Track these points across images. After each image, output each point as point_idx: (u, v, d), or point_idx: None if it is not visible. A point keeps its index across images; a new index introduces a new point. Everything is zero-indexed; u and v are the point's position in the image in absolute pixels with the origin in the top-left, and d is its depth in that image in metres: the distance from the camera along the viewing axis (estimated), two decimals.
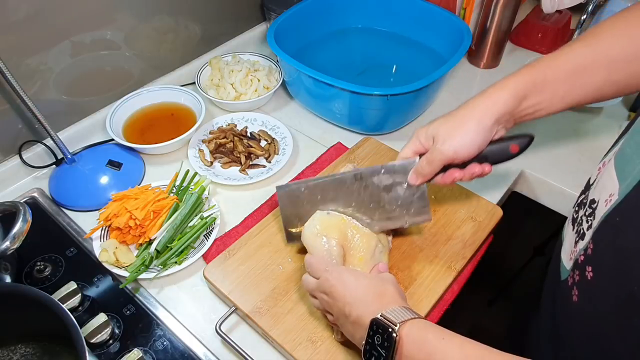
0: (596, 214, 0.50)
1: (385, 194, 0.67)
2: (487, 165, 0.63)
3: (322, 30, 1.10)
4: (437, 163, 0.62)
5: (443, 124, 0.61)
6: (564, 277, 0.55)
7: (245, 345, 0.63)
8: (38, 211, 0.81)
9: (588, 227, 0.51)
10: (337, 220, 0.66)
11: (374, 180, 0.67)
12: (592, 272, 0.48)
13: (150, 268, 0.72)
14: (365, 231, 0.66)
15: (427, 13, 1.05)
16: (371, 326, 0.49)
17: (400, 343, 0.47)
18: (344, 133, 0.97)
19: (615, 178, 0.48)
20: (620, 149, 0.50)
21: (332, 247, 0.63)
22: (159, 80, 1.02)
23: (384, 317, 0.49)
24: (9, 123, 0.83)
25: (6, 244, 0.61)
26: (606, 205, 0.48)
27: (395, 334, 0.47)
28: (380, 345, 0.48)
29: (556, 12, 1.09)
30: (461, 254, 0.72)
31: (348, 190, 0.67)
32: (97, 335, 0.64)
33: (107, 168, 0.86)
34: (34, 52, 0.80)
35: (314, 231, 0.64)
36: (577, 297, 0.51)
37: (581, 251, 0.51)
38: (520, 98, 0.59)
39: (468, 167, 0.63)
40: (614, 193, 0.47)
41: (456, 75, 1.10)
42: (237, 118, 0.97)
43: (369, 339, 0.49)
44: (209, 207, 0.80)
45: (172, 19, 0.98)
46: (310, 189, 0.68)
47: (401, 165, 0.66)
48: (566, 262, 0.55)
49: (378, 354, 0.48)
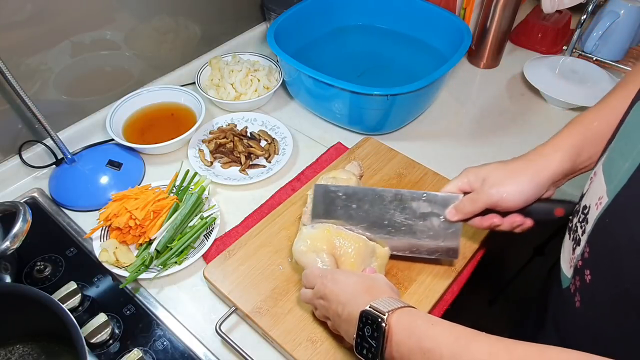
0: (589, 219, 0.50)
1: (420, 221, 0.66)
2: (530, 220, 0.63)
3: (322, 30, 1.10)
4: (480, 204, 0.62)
5: (496, 170, 0.62)
6: (565, 285, 0.55)
7: (245, 345, 0.63)
8: (38, 211, 0.81)
9: (582, 232, 0.52)
10: (322, 231, 0.66)
11: (412, 204, 0.66)
12: (591, 275, 0.49)
13: (150, 268, 0.72)
14: (353, 236, 0.66)
15: (427, 13, 1.05)
16: (360, 318, 0.49)
17: (390, 331, 0.47)
18: (344, 133, 0.97)
19: (604, 182, 0.49)
20: (607, 156, 0.51)
21: (324, 259, 0.63)
22: (159, 80, 1.02)
23: (373, 308, 0.49)
24: (9, 123, 0.83)
25: (6, 244, 0.61)
26: (597, 208, 0.48)
27: (384, 323, 0.47)
28: (371, 336, 0.48)
29: (556, 12, 1.09)
30: (461, 254, 0.72)
31: (384, 207, 0.67)
32: (97, 335, 0.64)
33: (107, 168, 0.86)
34: (34, 52, 0.80)
35: (303, 249, 0.65)
36: (579, 302, 0.51)
37: (579, 257, 0.51)
38: (575, 157, 0.60)
39: (509, 216, 0.63)
40: (602, 196, 0.48)
41: (456, 75, 1.10)
42: (237, 118, 0.97)
43: (359, 331, 0.49)
44: (209, 207, 0.80)
45: (172, 19, 0.98)
46: (348, 196, 0.68)
47: (443, 198, 0.65)
48: (566, 271, 0.56)
49: (369, 345, 0.48)
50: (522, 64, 1.07)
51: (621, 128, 0.51)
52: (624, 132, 0.50)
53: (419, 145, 0.94)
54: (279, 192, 0.85)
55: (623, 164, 0.46)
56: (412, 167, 0.85)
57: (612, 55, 1.09)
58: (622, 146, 0.48)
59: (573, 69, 1.03)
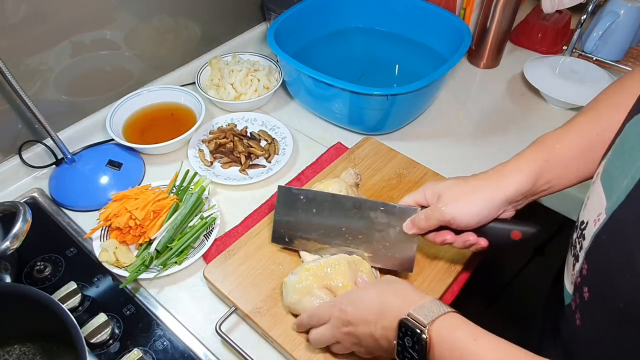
0: (586, 235, 0.50)
1: (377, 232, 0.67)
2: (484, 239, 0.62)
3: (322, 30, 1.10)
4: (434, 221, 0.61)
5: (453, 187, 0.61)
6: (567, 302, 0.55)
7: (245, 345, 0.63)
8: (38, 211, 0.81)
9: (580, 248, 0.51)
10: (303, 272, 0.64)
11: (371, 213, 0.67)
12: (589, 292, 0.49)
13: (150, 268, 0.72)
14: (334, 260, 0.65)
15: (427, 13, 1.05)
16: (400, 328, 0.48)
17: (431, 342, 0.46)
18: (344, 133, 0.97)
19: (604, 197, 0.48)
20: (605, 169, 0.51)
21: (320, 296, 0.62)
22: (159, 80, 1.02)
23: (412, 317, 0.48)
24: (9, 123, 0.83)
25: (6, 244, 0.61)
26: (595, 225, 0.48)
27: (424, 335, 0.46)
28: (412, 347, 0.47)
29: (556, 12, 1.09)
30: (461, 254, 0.72)
31: (343, 215, 0.67)
32: (97, 335, 0.64)
33: (107, 168, 0.86)
34: (34, 52, 0.80)
35: (295, 298, 0.63)
36: (579, 320, 0.51)
37: (578, 273, 0.51)
38: (535, 179, 0.59)
39: (463, 235, 0.62)
40: (601, 212, 0.47)
41: (456, 75, 1.10)
42: (237, 118, 0.97)
43: (400, 340, 0.48)
44: (209, 207, 0.80)
45: (172, 19, 0.98)
46: (308, 200, 0.69)
47: (401, 209, 0.65)
48: (568, 287, 0.56)
49: (411, 356, 0.47)
50: (522, 64, 1.07)
51: (618, 141, 0.50)
52: (622, 147, 0.49)
53: (419, 145, 0.94)
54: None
55: (622, 180, 0.46)
56: (412, 167, 0.85)
57: (612, 55, 1.09)
58: (622, 163, 0.47)
59: (573, 69, 1.03)
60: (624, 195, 0.44)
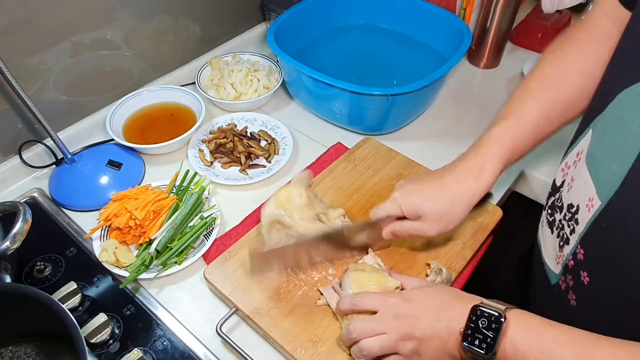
0: (579, 219, 0.50)
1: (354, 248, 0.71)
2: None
3: (322, 29, 1.10)
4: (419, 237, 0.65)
5: (429, 200, 0.63)
6: (554, 282, 0.55)
7: (245, 345, 0.63)
8: (38, 211, 0.81)
9: (571, 231, 0.51)
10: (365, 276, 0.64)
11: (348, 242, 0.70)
12: (589, 277, 0.49)
13: (150, 268, 0.72)
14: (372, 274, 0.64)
15: (427, 13, 1.05)
16: (474, 312, 0.49)
17: (508, 326, 0.47)
18: (344, 133, 0.97)
19: (591, 181, 0.48)
20: (589, 152, 0.51)
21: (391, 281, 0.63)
22: (159, 80, 1.02)
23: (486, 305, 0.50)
24: (9, 123, 0.83)
25: (6, 244, 0.61)
26: (589, 210, 0.48)
27: (503, 316, 0.47)
28: (486, 327, 0.48)
29: (556, 12, 1.09)
30: (461, 254, 0.72)
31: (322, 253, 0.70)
32: (97, 335, 0.64)
33: (107, 168, 0.86)
34: (34, 52, 0.80)
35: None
36: (575, 301, 0.51)
37: (569, 256, 0.51)
38: (504, 168, 0.63)
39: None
40: (592, 197, 0.48)
41: (456, 75, 1.10)
42: (237, 118, 0.97)
43: (471, 323, 0.49)
44: (209, 207, 0.80)
45: (172, 19, 0.98)
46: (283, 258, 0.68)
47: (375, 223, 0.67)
48: (553, 267, 0.56)
49: (484, 336, 0.48)
50: (522, 64, 1.07)
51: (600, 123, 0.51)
52: (605, 130, 0.49)
53: (419, 145, 0.94)
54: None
55: (610, 165, 0.46)
56: (412, 167, 0.85)
57: None
58: (606, 146, 0.48)
59: None
60: (618, 181, 0.44)
